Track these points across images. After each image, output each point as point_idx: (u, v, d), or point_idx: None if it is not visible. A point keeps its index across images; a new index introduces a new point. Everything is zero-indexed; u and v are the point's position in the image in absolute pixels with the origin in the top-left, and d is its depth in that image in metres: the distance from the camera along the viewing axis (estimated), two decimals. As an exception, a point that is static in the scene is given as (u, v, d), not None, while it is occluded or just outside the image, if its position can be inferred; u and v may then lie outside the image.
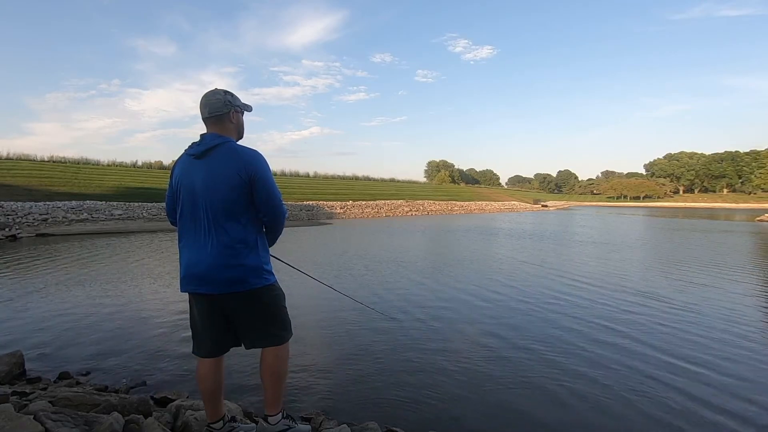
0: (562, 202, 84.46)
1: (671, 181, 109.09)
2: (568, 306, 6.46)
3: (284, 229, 2.14)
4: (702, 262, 11.05)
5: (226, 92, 1.97)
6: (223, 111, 1.93)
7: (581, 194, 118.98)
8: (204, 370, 2.02)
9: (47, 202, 22.61)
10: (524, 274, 9.18)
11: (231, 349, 2.07)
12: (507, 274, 9.27)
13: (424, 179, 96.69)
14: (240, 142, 2.06)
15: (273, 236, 2.09)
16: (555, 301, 6.73)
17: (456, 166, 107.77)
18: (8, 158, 31.84)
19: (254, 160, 1.91)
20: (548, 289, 7.63)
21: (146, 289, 7.45)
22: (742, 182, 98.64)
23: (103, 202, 25.26)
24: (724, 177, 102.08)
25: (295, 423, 2.12)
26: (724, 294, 7.34)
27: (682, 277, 9.09)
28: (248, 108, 2.10)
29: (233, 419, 2.19)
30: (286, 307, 2.06)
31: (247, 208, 1.90)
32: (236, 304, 1.92)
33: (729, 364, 4.24)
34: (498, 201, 62.35)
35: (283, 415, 2.06)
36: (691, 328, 5.36)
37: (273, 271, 2.04)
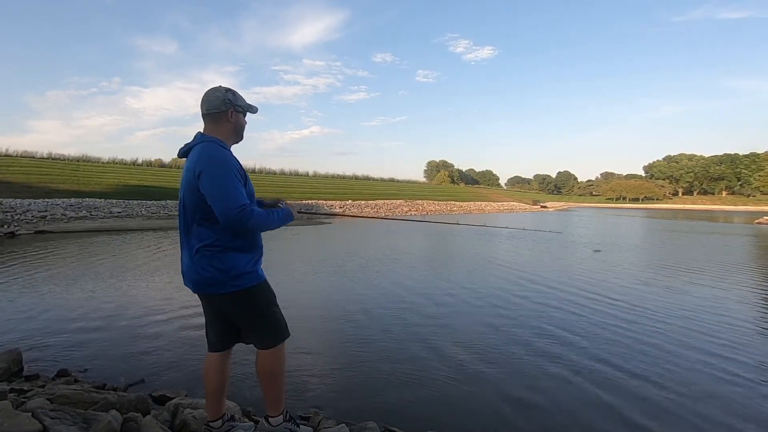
0: (562, 203, 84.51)
1: (670, 182, 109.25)
2: (560, 309, 6.47)
3: (286, 227, 2.10)
4: (688, 265, 11.02)
5: (227, 90, 1.92)
6: (220, 109, 1.89)
7: (580, 195, 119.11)
8: (208, 364, 2.04)
9: (46, 200, 22.59)
10: (519, 276, 9.19)
11: (233, 347, 2.07)
12: (503, 274, 9.28)
13: (424, 179, 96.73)
14: (241, 143, 2.04)
15: (247, 238, 1.89)
16: (543, 302, 6.75)
17: (456, 167, 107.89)
18: (8, 155, 31.81)
19: (201, 155, 1.78)
20: (536, 292, 7.64)
21: (144, 286, 7.44)
22: (741, 185, 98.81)
23: (102, 199, 25.23)
24: (723, 179, 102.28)
25: (297, 427, 2.11)
26: (695, 299, 7.25)
27: (660, 281, 9.07)
28: (253, 109, 2.03)
29: (232, 418, 2.19)
30: (274, 309, 1.99)
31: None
32: (221, 304, 1.93)
33: (668, 373, 4.14)
34: (497, 201, 62.36)
35: (285, 417, 2.05)
36: (649, 338, 5.07)
37: (259, 270, 1.95)
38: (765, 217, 36.16)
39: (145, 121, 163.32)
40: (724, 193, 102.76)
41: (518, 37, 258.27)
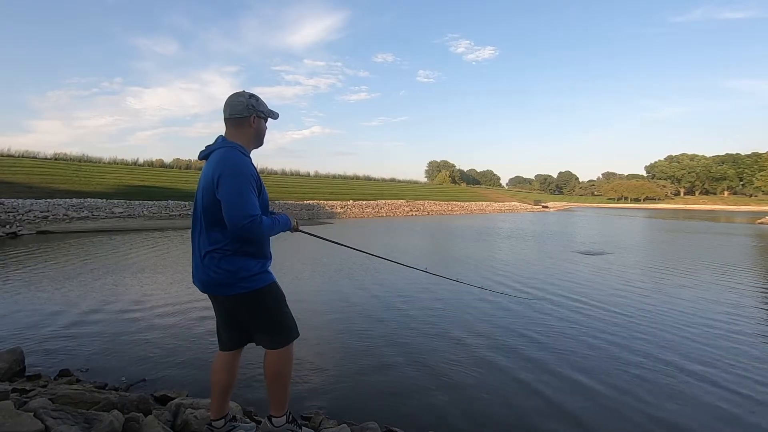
0: (563, 203, 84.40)
1: (672, 183, 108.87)
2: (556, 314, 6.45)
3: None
4: (679, 266, 11.00)
5: (251, 96, 1.94)
6: (243, 114, 1.91)
7: (582, 195, 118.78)
8: (218, 363, 2.06)
9: (48, 200, 22.60)
10: (518, 276, 9.18)
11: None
12: (504, 273, 9.28)
13: (425, 179, 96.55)
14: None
15: (256, 245, 1.91)
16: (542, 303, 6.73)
17: (457, 167, 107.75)
18: (9, 155, 31.86)
19: (221, 161, 1.81)
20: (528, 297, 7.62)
21: (146, 287, 7.45)
22: (743, 185, 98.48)
23: (104, 200, 25.25)
24: (725, 179, 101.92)
25: (299, 428, 2.12)
26: (679, 301, 7.24)
27: (644, 283, 9.06)
28: (274, 115, 2.05)
29: (234, 418, 2.19)
30: (284, 310, 2.00)
31: None
32: (229, 305, 1.94)
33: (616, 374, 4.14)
34: (498, 202, 62.31)
35: (288, 418, 2.05)
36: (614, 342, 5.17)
37: (268, 272, 1.97)
38: (767, 217, 36.04)
39: (145, 121, 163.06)
40: (725, 193, 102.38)
41: (519, 37, 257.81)
